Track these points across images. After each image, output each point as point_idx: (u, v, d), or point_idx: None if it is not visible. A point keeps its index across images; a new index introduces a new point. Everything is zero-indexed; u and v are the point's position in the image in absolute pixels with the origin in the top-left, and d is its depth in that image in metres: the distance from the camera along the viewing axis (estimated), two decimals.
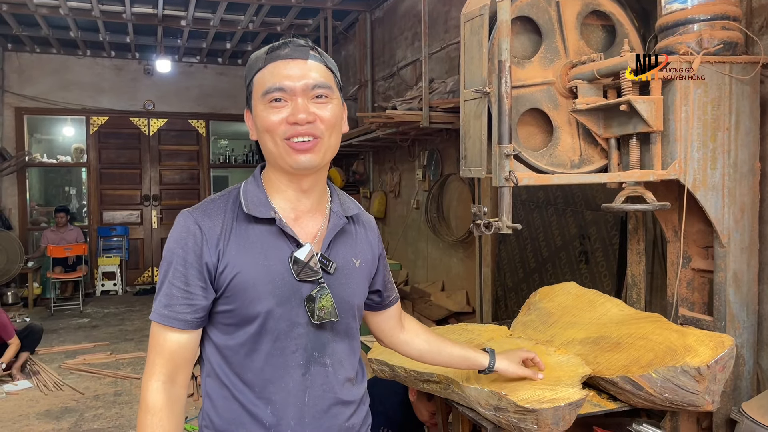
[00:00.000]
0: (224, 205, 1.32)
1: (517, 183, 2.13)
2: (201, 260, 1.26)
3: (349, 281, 1.36)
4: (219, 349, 1.30)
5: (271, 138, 1.28)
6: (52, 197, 12.46)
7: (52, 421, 4.45)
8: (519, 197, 4.25)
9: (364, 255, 1.43)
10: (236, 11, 7.54)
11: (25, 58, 9.22)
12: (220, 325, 1.30)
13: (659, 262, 3.04)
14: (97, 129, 9.75)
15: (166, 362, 1.27)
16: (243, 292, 1.25)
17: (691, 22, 2.20)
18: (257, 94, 1.29)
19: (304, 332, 1.29)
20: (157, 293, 1.30)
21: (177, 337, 1.27)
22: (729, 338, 1.88)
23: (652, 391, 1.86)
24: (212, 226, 1.28)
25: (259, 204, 1.31)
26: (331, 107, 1.30)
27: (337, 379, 1.34)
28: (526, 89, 2.32)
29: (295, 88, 1.26)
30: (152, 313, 1.29)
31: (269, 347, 1.28)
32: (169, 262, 1.28)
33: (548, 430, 1.68)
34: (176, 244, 1.28)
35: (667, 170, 2.18)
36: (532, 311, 2.54)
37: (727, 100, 2.18)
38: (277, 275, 1.27)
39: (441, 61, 5.65)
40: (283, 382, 1.28)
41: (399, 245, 6.93)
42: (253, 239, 1.28)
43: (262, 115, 1.28)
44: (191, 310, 1.26)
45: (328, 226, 1.37)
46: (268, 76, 1.28)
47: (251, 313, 1.26)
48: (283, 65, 1.27)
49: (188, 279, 1.26)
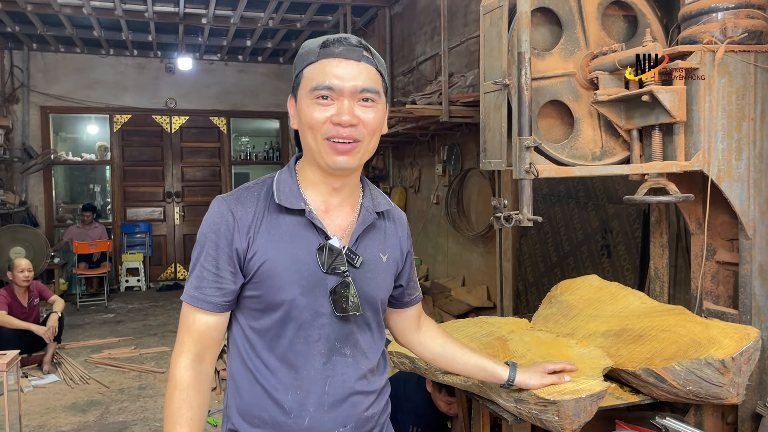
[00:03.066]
0: (258, 193, 1.35)
1: (537, 175, 2.12)
2: (232, 246, 1.29)
3: (375, 276, 1.38)
4: (245, 332, 1.34)
5: (312, 134, 1.29)
6: (77, 195, 12.65)
7: (79, 414, 4.53)
8: (540, 191, 4.23)
9: (392, 251, 1.44)
10: (256, 8, 7.58)
11: (49, 58, 9.36)
12: (247, 310, 1.33)
13: (683, 256, 3.01)
14: (120, 127, 9.87)
15: (194, 342, 1.31)
16: (270, 279, 1.28)
17: (715, 10, 2.16)
18: (305, 87, 1.29)
19: (327, 322, 1.32)
20: (189, 274, 1.34)
21: (206, 319, 1.31)
22: (754, 330, 1.86)
23: (676, 383, 1.84)
24: (244, 213, 1.31)
25: (291, 195, 1.33)
26: (375, 111, 1.30)
27: (358, 370, 1.36)
28: (546, 81, 2.30)
29: (344, 89, 1.26)
30: (183, 293, 1.33)
31: (293, 334, 1.30)
32: (202, 246, 1.32)
33: (569, 422, 1.67)
34: (209, 228, 1.31)
35: (691, 161, 2.15)
36: (553, 304, 2.53)
37: (752, 90, 2.15)
38: (304, 265, 1.30)
39: (460, 55, 5.62)
40: (304, 369, 1.31)
41: (419, 240, 6.92)
42: (283, 229, 1.31)
43: (306, 111, 1.29)
44: (220, 293, 1.30)
45: (357, 220, 1.38)
46: (318, 73, 1.28)
47: (276, 300, 1.29)
48: (335, 63, 1.27)
49: (219, 263, 1.29)
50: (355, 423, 1.35)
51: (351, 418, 1.34)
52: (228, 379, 1.38)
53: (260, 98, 10.34)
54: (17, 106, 9.14)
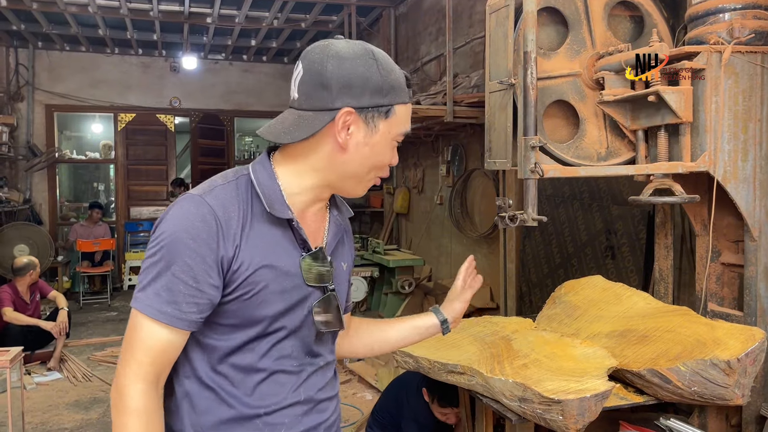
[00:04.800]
0: (236, 193, 1.19)
1: (542, 175, 2.12)
2: (216, 255, 1.13)
3: (339, 286, 1.31)
4: (206, 349, 1.19)
5: (370, 170, 1.23)
6: (81, 193, 12.67)
7: (81, 411, 4.53)
8: (544, 192, 4.22)
9: (348, 259, 1.39)
10: (261, 8, 7.59)
11: (54, 56, 9.38)
12: (215, 325, 1.18)
13: (687, 258, 3.00)
14: (124, 126, 9.88)
15: (153, 362, 1.14)
16: (253, 294, 1.16)
17: (722, 11, 2.16)
18: (394, 126, 1.21)
19: (303, 336, 1.24)
20: (150, 282, 1.14)
21: (172, 337, 1.14)
22: (760, 331, 1.86)
23: (681, 384, 1.83)
24: (228, 217, 1.15)
25: (276, 201, 1.19)
26: None
27: (326, 378, 1.32)
28: (551, 81, 2.30)
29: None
30: (143, 304, 1.14)
31: (266, 350, 1.20)
32: (175, 252, 1.12)
33: (574, 422, 1.67)
34: (186, 232, 1.12)
35: (697, 162, 2.15)
36: (557, 305, 2.52)
37: (759, 91, 2.14)
38: (288, 279, 1.19)
39: (465, 55, 5.62)
40: (277, 384, 1.22)
41: (422, 241, 6.92)
42: (267, 237, 1.18)
43: (383, 152, 1.21)
44: (197, 309, 1.13)
45: (328, 230, 1.31)
46: (404, 118, 1.23)
47: (257, 316, 1.17)
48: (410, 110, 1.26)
49: (198, 275, 1.12)
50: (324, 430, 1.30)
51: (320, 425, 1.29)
52: (174, 399, 1.22)
53: (264, 98, 10.34)
54: (22, 104, 9.16)
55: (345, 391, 4.86)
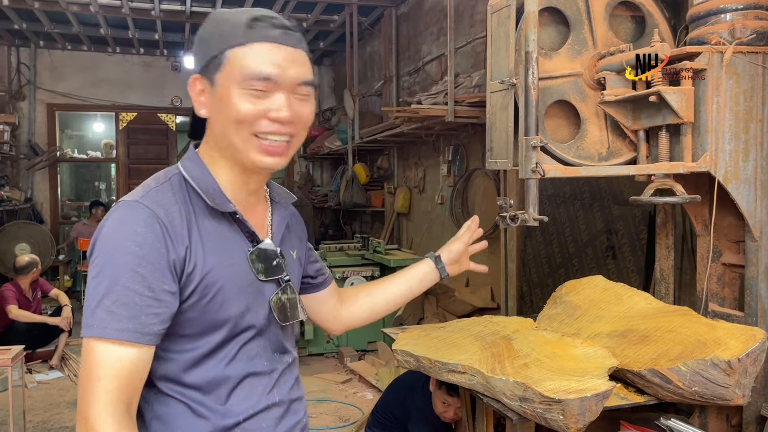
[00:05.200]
0: (172, 193, 1.12)
1: (543, 175, 2.12)
2: (167, 259, 1.05)
3: (292, 276, 1.26)
4: (170, 362, 1.11)
5: (238, 130, 1.09)
6: (83, 192, 12.69)
7: None
8: (545, 192, 4.22)
9: (298, 246, 1.34)
10: (262, 6, 7.59)
11: (56, 55, 9.39)
12: (176, 337, 1.11)
13: (688, 258, 3.00)
14: (125, 125, 9.89)
15: (123, 388, 1.03)
16: (212, 296, 1.10)
17: (724, 11, 2.16)
18: (232, 73, 1.09)
19: (267, 333, 1.19)
20: (99, 303, 1.03)
21: (137, 355, 1.04)
22: (761, 331, 1.86)
23: (681, 384, 1.84)
24: (171, 218, 1.08)
25: (216, 195, 1.13)
26: (309, 106, 1.15)
27: (293, 375, 1.27)
28: (553, 81, 2.30)
29: (283, 80, 1.09)
30: (98, 329, 1.02)
31: (234, 353, 1.14)
32: (121, 265, 1.03)
33: (574, 421, 1.67)
34: (130, 241, 1.03)
35: (698, 162, 2.15)
36: (558, 304, 2.53)
37: (760, 91, 2.14)
38: (243, 275, 1.14)
39: (467, 55, 5.62)
40: (250, 387, 1.16)
41: (423, 240, 6.92)
42: (214, 235, 1.12)
43: (234, 102, 1.08)
44: (158, 320, 1.04)
45: (273, 218, 1.25)
46: (252, 59, 1.08)
47: (219, 320, 1.11)
48: (271, 50, 1.09)
49: (152, 283, 1.03)
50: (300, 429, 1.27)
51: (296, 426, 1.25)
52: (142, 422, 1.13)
53: None
54: (24, 103, 9.17)
55: (345, 390, 4.87)
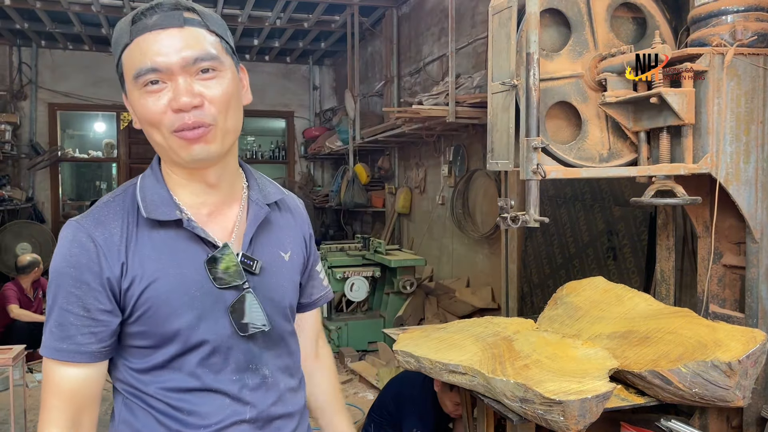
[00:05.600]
0: (121, 207, 1.11)
1: (544, 176, 2.13)
2: (101, 278, 1.05)
3: (279, 280, 1.18)
4: (134, 373, 1.11)
5: (157, 131, 1.06)
6: (84, 192, 12.71)
7: None
8: (546, 193, 4.22)
9: (294, 246, 1.25)
10: (264, 7, 7.59)
11: (57, 55, 9.40)
12: (131, 349, 1.11)
13: (689, 259, 3.00)
14: (127, 124, 9.89)
15: (67, 405, 1.06)
16: (155, 309, 1.07)
17: (725, 13, 2.16)
18: (128, 77, 1.06)
19: (233, 344, 1.12)
20: (47, 321, 1.07)
21: (79, 373, 1.06)
22: (761, 333, 1.86)
23: (682, 385, 1.84)
24: (109, 236, 1.07)
25: (161, 203, 1.10)
26: (221, 83, 1.07)
27: (279, 390, 1.18)
28: (554, 82, 2.30)
29: (172, 65, 1.03)
30: (43, 347, 1.06)
31: (196, 366, 1.10)
32: (58, 285, 1.05)
33: (575, 422, 1.67)
34: (65, 261, 1.05)
35: (699, 164, 2.15)
36: (559, 306, 2.53)
37: (761, 93, 2.15)
38: (194, 285, 1.09)
39: (468, 56, 5.63)
40: (216, 402, 1.11)
41: (424, 241, 6.92)
42: (159, 246, 1.09)
43: (138, 104, 1.06)
44: (95, 339, 1.06)
45: (247, 218, 1.18)
46: (137, 55, 1.04)
47: (167, 332, 1.08)
48: (153, 38, 1.03)
49: (87, 303, 1.05)
50: None
51: None
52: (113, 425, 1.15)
53: (267, 97, 10.34)
54: (25, 102, 9.18)
55: (346, 390, 4.88)
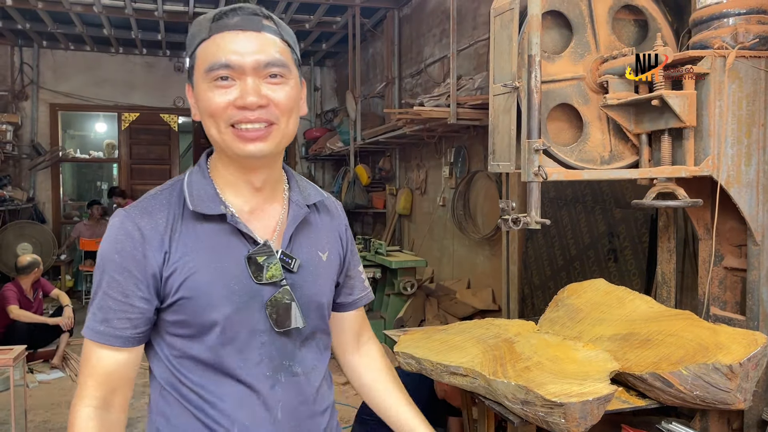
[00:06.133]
0: (167, 200, 1.16)
1: (546, 178, 2.13)
2: (143, 267, 1.10)
3: (315, 279, 1.22)
4: (173, 365, 1.15)
5: (215, 123, 1.11)
6: (85, 192, 12.72)
7: None
8: (547, 194, 4.22)
9: (331, 247, 1.29)
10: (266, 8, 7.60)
11: (59, 55, 9.41)
12: (170, 337, 1.15)
13: (690, 261, 3.00)
14: (128, 125, 9.91)
15: (99, 384, 1.12)
16: (195, 299, 1.11)
17: (726, 16, 2.16)
18: (200, 69, 1.12)
19: (268, 340, 1.15)
20: (91, 304, 1.14)
21: (115, 356, 1.12)
22: (763, 336, 1.86)
23: (683, 388, 1.84)
24: (154, 226, 1.12)
25: (207, 198, 1.15)
26: (287, 89, 1.13)
27: (312, 388, 1.22)
28: (555, 84, 2.31)
29: (245, 65, 1.09)
30: (85, 329, 1.13)
31: (231, 359, 1.14)
32: (103, 270, 1.12)
33: (576, 425, 1.67)
34: (111, 248, 1.11)
35: (700, 166, 2.15)
36: (559, 307, 2.53)
37: (763, 95, 2.15)
38: (233, 278, 1.13)
39: (469, 57, 5.63)
40: (250, 397, 1.15)
41: (425, 242, 6.92)
42: (202, 238, 1.13)
43: (204, 96, 1.11)
44: (130, 325, 1.11)
45: (287, 218, 1.22)
46: (213, 50, 1.10)
47: (206, 322, 1.12)
48: (231, 37, 1.09)
49: (126, 290, 1.10)
50: None
51: None
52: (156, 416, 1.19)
53: None
54: (26, 102, 9.19)
55: (347, 391, 4.87)
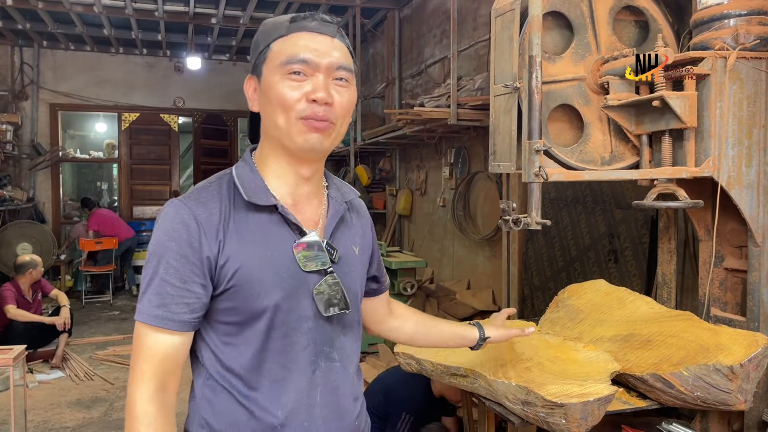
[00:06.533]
0: (218, 192, 1.22)
1: (546, 178, 2.12)
2: (199, 254, 1.15)
3: (351, 270, 1.29)
4: (219, 350, 1.20)
5: (285, 114, 1.17)
6: (85, 192, 12.67)
7: (83, 410, 4.54)
8: (547, 195, 4.22)
9: (362, 241, 1.37)
10: (266, 9, 7.60)
11: (59, 55, 9.42)
12: (219, 324, 1.20)
13: (690, 263, 3.00)
14: (128, 125, 9.91)
15: (156, 368, 1.16)
16: (248, 286, 1.16)
17: (727, 17, 2.16)
18: (274, 61, 1.18)
19: (313, 326, 1.22)
20: (145, 291, 1.17)
21: (170, 340, 1.16)
22: (763, 337, 1.86)
23: (683, 389, 1.84)
24: (209, 215, 1.17)
25: (258, 190, 1.21)
26: (349, 93, 1.22)
27: (347, 374, 1.28)
28: (556, 85, 2.31)
29: (320, 63, 1.17)
30: (139, 313, 1.17)
31: (278, 344, 1.19)
32: (160, 257, 1.15)
33: (576, 425, 1.67)
34: (168, 236, 1.16)
35: (701, 167, 2.15)
36: (560, 308, 2.53)
37: (764, 96, 2.15)
38: (282, 266, 1.18)
39: (469, 58, 5.63)
40: (293, 381, 1.20)
41: (425, 243, 6.92)
42: (253, 228, 1.19)
43: (277, 87, 1.17)
44: (188, 309, 1.16)
45: (328, 212, 1.29)
46: (291, 46, 1.17)
47: (257, 309, 1.17)
48: (309, 37, 1.18)
49: (184, 276, 1.14)
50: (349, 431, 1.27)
51: (343, 428, 1.26)
52: (199, 400, 1.23)
53: None
54: (26, 102, 9.20)
55: None
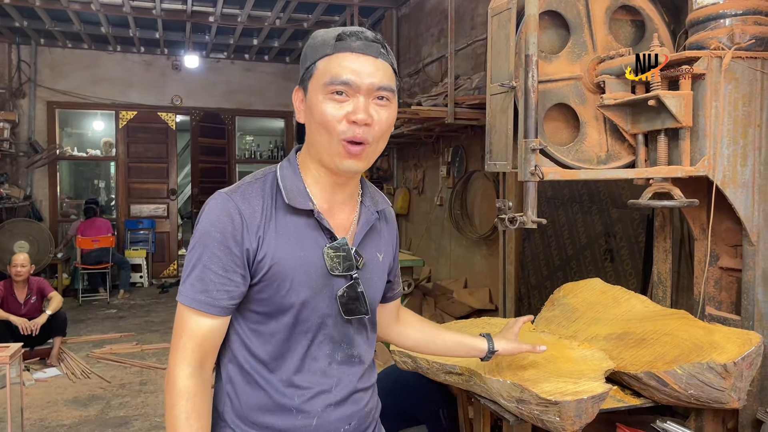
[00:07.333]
0: (261, 189, 1.30)
1: (542, 178, 2.13)
2: (241, 247, 1.24)
3: (373, 276, 1.37)
4: (246, 336, 1.30)
5: (327, 133, 1.24)
6: (82, 190, 12.67)
7: (80, 408, 4.54)
8: (544, 194, 4.23)
9: (386, 249, 1.44)
10: (263, 7, 7.60)
11: (57, 53, 9.40)
12: (250, 313, 1.29)
13: (686, 262, 3.01)
14: (125, 123, 9.89)
15: (196, 347, 1.25)
16: (280, 281, 1.25)
17: (723, 17, 2.17)
18: (319, 80, 1.24)
19: (332, 324, 1.31)
20: (188, 275, 1.26)
21: (210, 323, 1.26)
22: (756, 335, 1.87)
23: (677, 387, 1.85)
24: (252, 211, 1.26)
25: (298, 194, 1.29)
26: (389, 111, 1.27)
27: (360, 368, 1.38)
28: (553, 84, 2.31)
29: (361, 85, 1.22)
30: (182, 296, 1.26)
31: (300, 337, 1.29)
32: (204, 245, 1.24)
33: (570, 423, 1.68)
34: (213, 227, 1.24)
35: (696, 166, 2.16)
36: (556, 307, 2.53)
37: (759, 96, 2.15)
38: (312, 267, 1.27)
39: (467, 57, 5.64)
40: (311, 371, 1.30)
41: (422, 242, 6.93)
42: (291, 229, 1.28)
43: (320, 107, 1.24)
44: (228, 296, 1.25)
45: (359, 220, 1.36)
46: (335, 66, 1.23)
47: (286, 303, 1.26)
48: (353, 58, 1.23)
49: (226, 265, 1.23)
50: (358, 419, 1.37)
51: (354, 415, 1.36)
52: (225, 383, 1.33)
53: (266, 97, 10.35)
54: (24, 100, 9.18)
55: None
